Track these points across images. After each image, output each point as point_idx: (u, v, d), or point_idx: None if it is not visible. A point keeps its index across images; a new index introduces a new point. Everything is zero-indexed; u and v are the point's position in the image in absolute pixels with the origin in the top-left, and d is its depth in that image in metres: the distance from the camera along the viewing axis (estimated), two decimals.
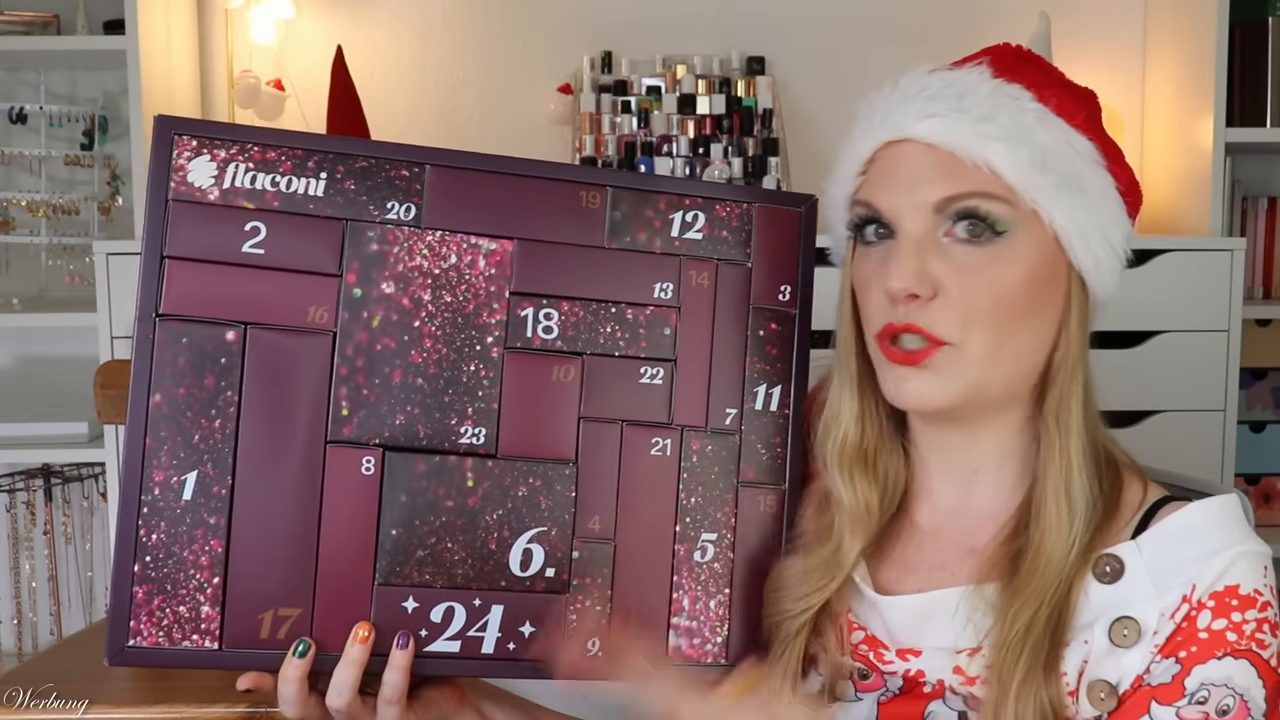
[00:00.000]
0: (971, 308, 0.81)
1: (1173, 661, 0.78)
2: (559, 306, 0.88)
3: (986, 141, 0.80)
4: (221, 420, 0.83)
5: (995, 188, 0.81)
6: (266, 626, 0.83)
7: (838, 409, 0.90)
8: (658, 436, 0.90)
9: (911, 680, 0.86)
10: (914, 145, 0.83)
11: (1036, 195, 0.81)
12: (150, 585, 0.82)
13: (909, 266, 0.81)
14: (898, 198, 0.83)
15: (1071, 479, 0.83)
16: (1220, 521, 0.82)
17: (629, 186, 0.90)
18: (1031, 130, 0.82)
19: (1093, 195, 0.83)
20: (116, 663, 0.82)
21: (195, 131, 0.84)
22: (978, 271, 0.81)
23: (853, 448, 0.89)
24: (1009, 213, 0.81)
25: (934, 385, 0.82)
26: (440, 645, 0.86)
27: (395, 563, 0.85)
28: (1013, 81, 0.84)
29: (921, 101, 0.83)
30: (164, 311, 0.82)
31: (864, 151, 0.86)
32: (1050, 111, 0.83)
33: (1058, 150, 0.82)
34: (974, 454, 0.88)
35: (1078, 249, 0.83)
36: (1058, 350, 0.85)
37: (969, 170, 0.81)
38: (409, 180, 0.86)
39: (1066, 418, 0.84)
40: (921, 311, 0.81)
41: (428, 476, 0.86)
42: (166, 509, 0.82)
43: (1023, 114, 0.82)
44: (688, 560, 0.90)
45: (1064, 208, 0.82)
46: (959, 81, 0.83)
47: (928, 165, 0.82)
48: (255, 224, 0.84)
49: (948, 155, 0.81)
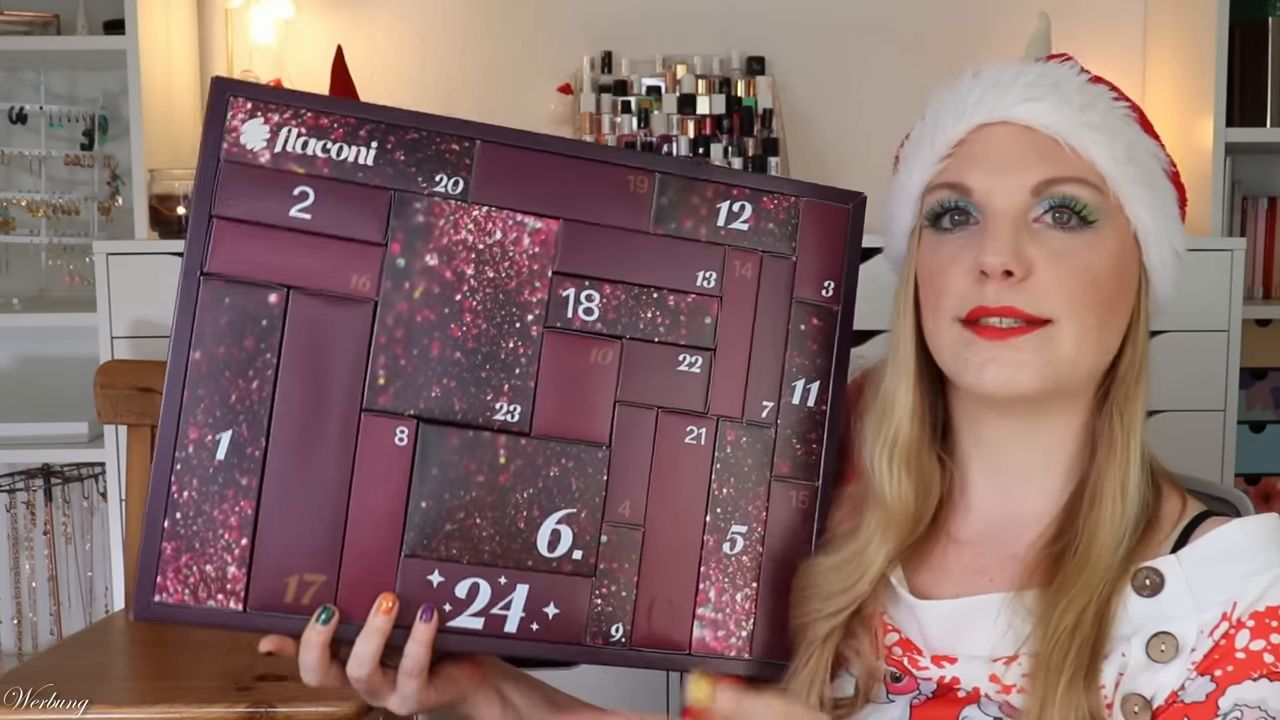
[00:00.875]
0: (1065, 290, 0.81)
1: (1208, 680, 0.77)
2: (601, 289, 0.88)
3: (1085, 129, 0.82)
4: (259, 382, 0.83)
5: (1090, 175, 0.82)
6: (291, 591, 0.83)
7: (892, 403, 0.88)
8: (693, 425, 0.89)
9: (945, 686, 0.85)
10: (1011, 128, 0.83)
11: (1125, 187, 0.83)
12: (179, 542, 0.82)
13: (1005, 242, 0.80)
14: (992, 178, 0.83)
15: (1130, 476, 0.83)
16: (1264, 541, 0.81)
17: (677, 173, 0.90)
18: (1120, 126, 0.84)
19: (1163, 198, 0.85)
20: (142, 617, 0.82)
21: (251, 95, 0.84)
22: (1071, 256, 0.81)
23: (905, 443, 0.88)
24: (1100, 201, 0.82)
25: (1021, 368, 0.81)
26: (463, 621, 0.85)
27: (423, 536, 0.85)
28: (1098, 82, 0.86)
29: (1019, 87, 0.84)
30: (209, 270, 0.83)
31: (954, 134, 0.85)
32: (1132, 113, 0.86)
33: (1141, 148, 0.85)
34: (1027, 451, 0.87)
35: (1150, 248, 0.85)
36: (1126, 347, 0.85)
37: (1067, 155, 0.82)
38: (459, 154, 0.86)
39: (1132, 415, 0.84)
40: (1016, 292, 0.80)
41: (460, 451, 0.85)
42: (200, 467, 0.82)
43: (1114, 109, 0.85)
44: (716, 551, 0.90)
45: (1145, 204, 0.84)
46: (1053, 72, 0.85)
47: (1027, 147, 0.83)
48: (304, 189, 0.84)
49: (1047, 139, 0.82)
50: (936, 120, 0.87)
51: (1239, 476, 2.40)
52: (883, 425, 0.89)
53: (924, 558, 0.90)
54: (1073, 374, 0.83)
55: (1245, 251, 2.07)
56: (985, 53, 2.39)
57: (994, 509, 0.89)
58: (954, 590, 0.87)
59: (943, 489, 0.90)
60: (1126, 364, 0.85)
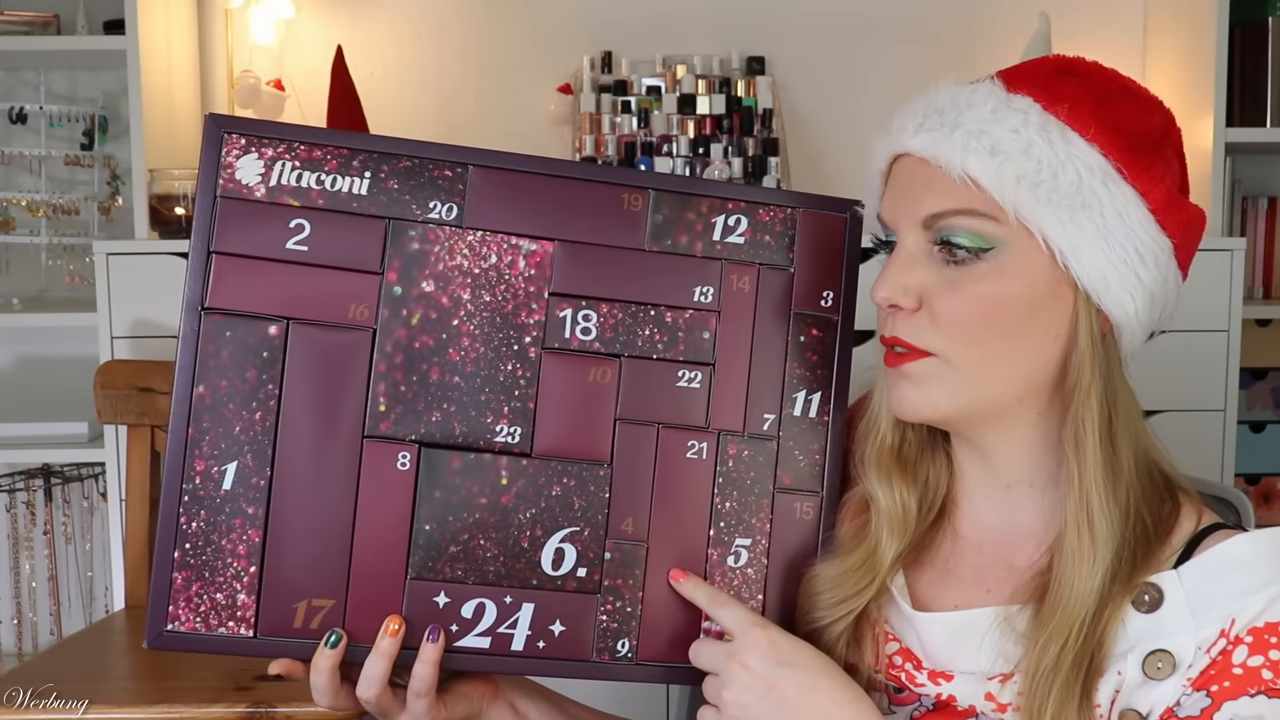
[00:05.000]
0: (955, 322, 0.81)
1: (1203, 695, 0.77)
2: (598, 308, 0.89)
3: (969, 156, 0.79)
4: (262, 413, 0.84)
5: (980, 204, 0.80)
6: (300, 616, 0.85)
7: (878, 413, 0.90)
8: (694, 440, 0.90)
9: (944, 702, 0.85)
10: (912, 160, 0.83)
11: (1023, 211, 0.79)
12: (189, 572, 0.84)
13: (892, 277, 0.82)
14: (897, 213, 0.84)
15: (1091, 507, 0.80)
16: (1269, 555, 0.79)
17: (672, 190, 0.90)
18: (1030, 145, 0.79)
19: (1101, 211, 0.79)
20: (155, 646, 0.84)
21: (245, 130, 0.85)
22: (964, 286, 0.81)
23: (890, 451, 0.89)
24: (995, 229, 0.80)
25: (918, 395, 0.83)
26: (470, 641, 0.87)
27: (428, 558, 0.86)
28: (1021, 93, 0.82)
29: (921, 116, 0.83)
30: (209, 305, 0.84)
31: (880, 164, 0.87)
32: (1059, 123, 0.80)
33: (1058, 164, 0.79)
34: (999, 470, 0.87)
35: (1078, 266, 0.80)
36: (1069, 371, 0.82)
37: (956, 186, 0.80)
38: (451, 180, 0.87)
39: (1082, 442, 0.81)
40: (905, 322, 0.82)
41: (462, 473, 0.87)
42: (207, 498, 0.84)
43: (1025, 127, 0.80)
44: (721, 565, 0.90)
45: (1058, 224, 0.79)
46: (965, 96, 0.83)
47: (922, 180, 0.82)
48: (300, 221, 0.85)
49: (937, 170, 0.81)
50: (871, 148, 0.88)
51: (1239, 476, 2.40)
52: (870, 434, 0.90)
53: (928, 560, 0.90)
54: (975, 403, 0.83)
55: (1245, 251, 2.07)
56: (986, 53, 2.39)
57: (992, 515, 0.89)
58: (954, 601, 0.87)
59: (950, 484, 0.91)
60: (1071, 387, 0.82)
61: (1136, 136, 0.82)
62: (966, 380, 0.82)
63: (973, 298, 0.80)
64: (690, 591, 0.88)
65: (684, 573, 0.89)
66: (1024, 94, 0.82)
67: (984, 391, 0.82)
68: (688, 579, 0.89)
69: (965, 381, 0.82)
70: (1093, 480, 0.81)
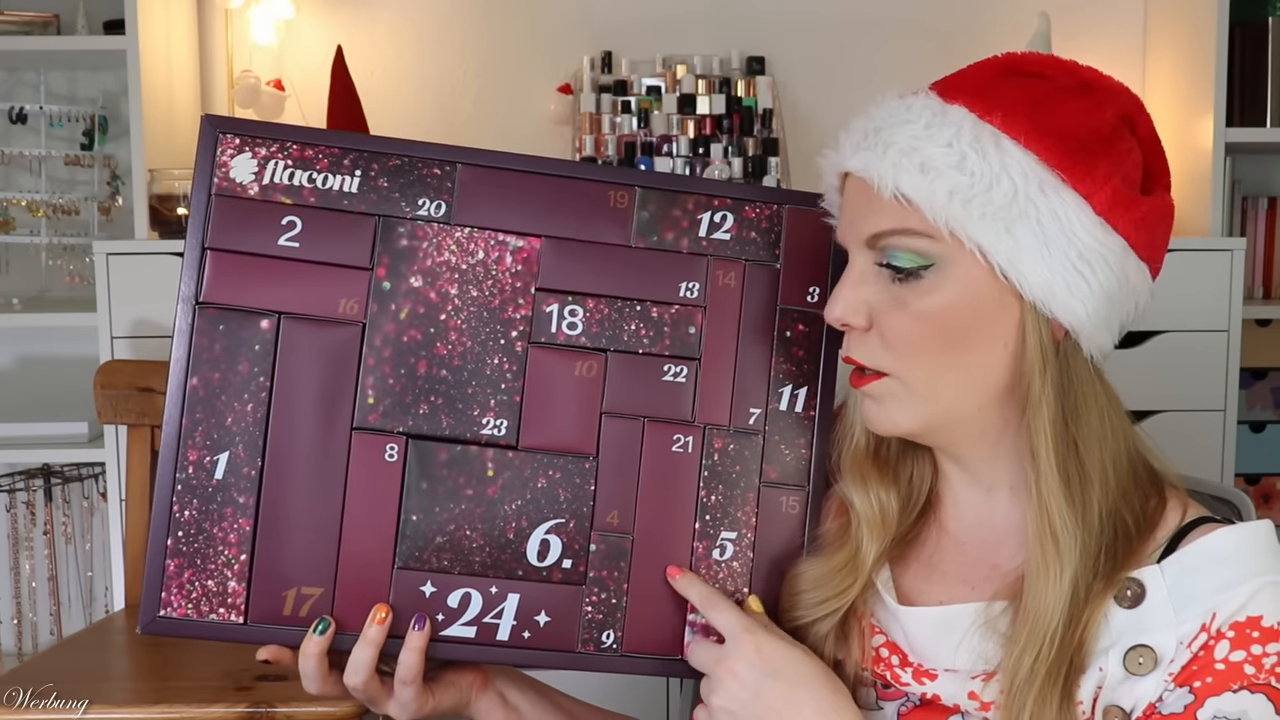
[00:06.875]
0: (902, 342, 0.81)
1: (1186, 691, 0.76)
2: (584, 303, 0.90)
3: (901, 175, 0.79)
4: (254, 405, 0.87)
5: (916, 222, 0.79)
6: (290, 604, 0.87)
7: (852, 416, 0.91)
8: (679, 434, 0.90)
9: (928, 700, 0.85)
10: (855, 179, 0.83)
11: (956, 227, 0.78)
12: (181, 559, 0.86)
13: (842, 296, 0.83)
14: (846, 231, 0.85)
15: (1051, 515, 0.80)
16: (1252, 549, 0.78)
17: (658, 187, 0.91)
18: (964, 157, 0.78)
19: (1038, 219, 0.78)
20: (148, 631, 0.86)
21: (239, 130, 0.88)
22: (909, 303, 0.81)
23: (865, 454, 0.90)
24: (932, 246, 0.79)
25: (880, 414, 0.84)
26: (456, 630, 0.88)
27: (415, 548, 0.87)
28: (957, 103, 0.81)
29: (859, 135, 0.83)
30: (204, 300, 0.87)
31: (831, 181, 0.87)
32: (994, 131, 0.79)
33: (992, 176, 0.78)
34: (978, 474, 0.88)
35: (1019, 277, 0.78)
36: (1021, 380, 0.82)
37: (892, 205, 0.80)
38: (440, 178, 0.89)
39: (1037, 450, 0.81)
40: (859, 344, 0.83)
41: (449, 465, 0.88)
42: (199, 487, 0.86)
43: (959, 140, 0.79)
44: (706, 558, 0.91)
45: (994, 237, 0.78)
46: (901, 112, 0.82)
47: (864, 200, 0.82)
48: (292, 218, 0.87)
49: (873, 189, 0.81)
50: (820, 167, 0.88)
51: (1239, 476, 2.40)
52: (845, 438, 0.91)
53: (914, 554, 0.90)
54: (938, 413, 0.83)
55: (1245, 251, 2.07)
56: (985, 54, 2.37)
57: (974, 515, 0.89)
58: (938, 596, 0.87)
59: (934, 481, 0.91)
60: (1022, 397, 0.82)
61: (1079, 138, 0.79)
62: (920, 397, 0.82)
63: (917, 315, 0.80)
64: (685, 588, 0.89)
65: (680, 569, 0.90)
66: (960, 104, 0.81)
67: (939, 405, 0.82)
68: (684, 575, 0.89)
69: (919, 398, 0.82)
70: (1049, 489, 0.80)
